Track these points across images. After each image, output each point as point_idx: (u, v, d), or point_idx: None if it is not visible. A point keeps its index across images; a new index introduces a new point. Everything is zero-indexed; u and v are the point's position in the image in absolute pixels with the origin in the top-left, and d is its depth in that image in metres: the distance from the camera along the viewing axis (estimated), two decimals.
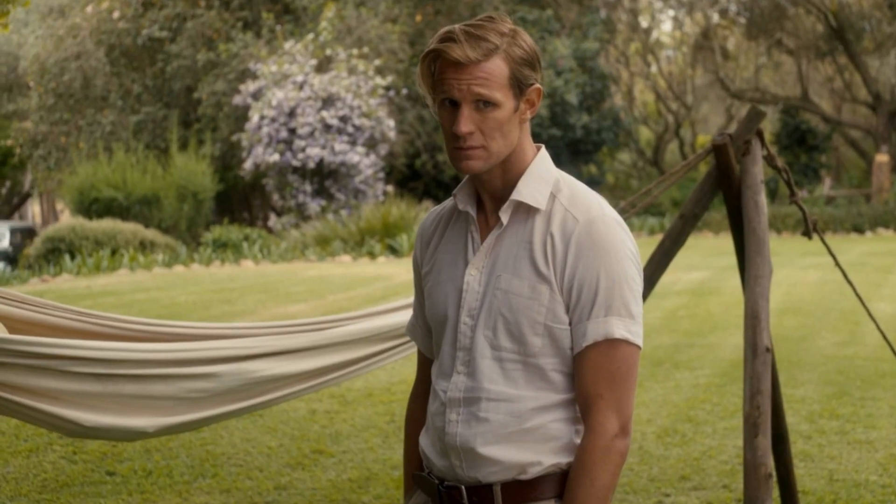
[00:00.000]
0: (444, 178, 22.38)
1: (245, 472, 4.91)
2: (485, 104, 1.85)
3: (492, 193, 1.96)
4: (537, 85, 1.90)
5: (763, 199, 3.70)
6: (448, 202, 2.08)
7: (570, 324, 1.89)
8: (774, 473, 3.93)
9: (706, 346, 8.31)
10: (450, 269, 1.99)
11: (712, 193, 3.82)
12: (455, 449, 1.92)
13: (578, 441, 1.92)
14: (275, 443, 5.41)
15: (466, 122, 1.85)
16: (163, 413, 3.01)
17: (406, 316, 3.38)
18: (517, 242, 1.92)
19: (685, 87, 30.64)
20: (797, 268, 13.66)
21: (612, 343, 1.87)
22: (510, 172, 1.93)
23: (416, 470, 2.08)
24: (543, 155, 1.98)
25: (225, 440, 5.42)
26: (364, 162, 18.63)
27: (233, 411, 3.17)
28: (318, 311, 9.83)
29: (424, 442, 2.02)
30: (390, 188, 20.02)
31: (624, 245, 1.90)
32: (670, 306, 10.44)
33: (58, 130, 22.74)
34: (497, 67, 1.84)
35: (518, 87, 1.87)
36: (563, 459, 1.91)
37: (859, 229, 21.18)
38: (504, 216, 1.93)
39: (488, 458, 1.90)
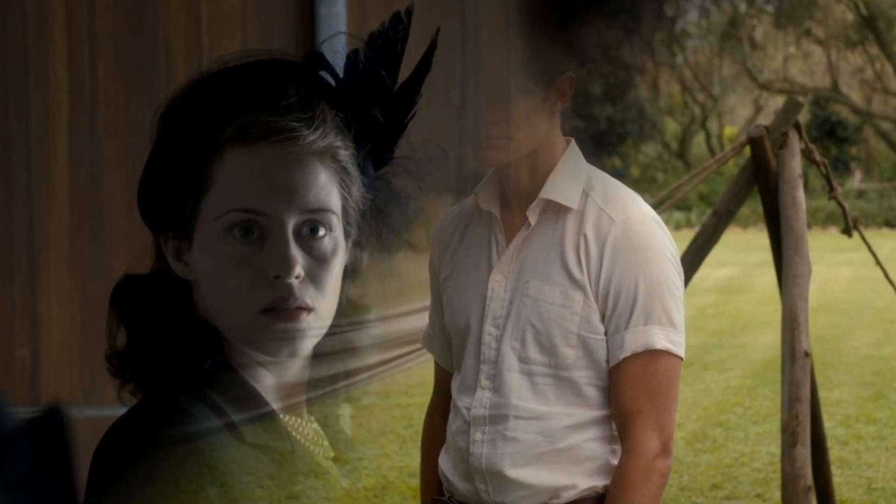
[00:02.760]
0: (463, 170, 22.27)
1: (255, 480, 4.77)
2: None
3: (518, 191, 1.84)
4: (569, 73, 1.78)
5: (801, 194, 3.59)
6: (468, 201, 1.95)
7: (605, 334, 1.77)
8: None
9: (736, 345, 8.16)
10: (472, 275, 1.87)
11: (748, 189, 3.74)
12: (480, 472, 1.80)
13: (615, 462, 1.80)
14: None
15: None
16: None
17: (423, 320, 3.21)
18: (547, 245, 1.80)
19: (712, 78, 30.36)
20: (829, 264, 13.45)
21: (652, 354, 1.75)
22: (538, 168, 1.81)
23: (435, 494, 1.96)
24: (574, 149, 1.85)
25: None
26: None
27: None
28: None
29: (445, 463, 1.90)
30: None
31: (664, 246, 1.78)
32: (699, 304, 10.27)
33: None
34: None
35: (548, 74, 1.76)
36: (600, 482, 1.79)
37: (891, 224, 20.95)
38: (532, 216, 1.80)
39: (517, 482, 1.78)
